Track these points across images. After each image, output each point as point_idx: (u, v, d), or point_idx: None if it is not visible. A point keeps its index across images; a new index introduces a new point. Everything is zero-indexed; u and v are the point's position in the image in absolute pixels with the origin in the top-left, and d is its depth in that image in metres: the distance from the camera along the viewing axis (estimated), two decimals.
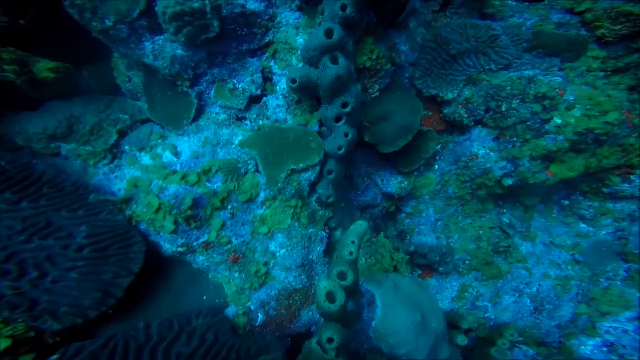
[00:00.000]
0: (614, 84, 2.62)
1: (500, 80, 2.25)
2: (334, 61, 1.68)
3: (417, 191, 2.61)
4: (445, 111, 2.38)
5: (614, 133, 2.09)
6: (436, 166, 2.54)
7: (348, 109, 1.79)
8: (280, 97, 1.98)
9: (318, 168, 1.95)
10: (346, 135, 1.84)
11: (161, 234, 1.86)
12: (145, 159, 2.07)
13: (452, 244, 2.66)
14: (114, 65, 2.24)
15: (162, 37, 1.86)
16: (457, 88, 2.29)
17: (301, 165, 1.89)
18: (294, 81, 1.69)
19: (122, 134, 2.15)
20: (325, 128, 2.01)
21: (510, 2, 2.78)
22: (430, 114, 2.42)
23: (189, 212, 1.84)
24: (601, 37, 2.55)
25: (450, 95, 2.29)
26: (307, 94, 1.91)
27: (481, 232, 2.63)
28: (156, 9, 1.67)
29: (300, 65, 1.90)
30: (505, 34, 2.33)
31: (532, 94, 2.17)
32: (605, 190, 2.54)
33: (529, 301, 2.52)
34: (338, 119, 1.84)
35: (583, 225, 2.73)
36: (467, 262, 2.55)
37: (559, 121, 2.16)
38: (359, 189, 2.47)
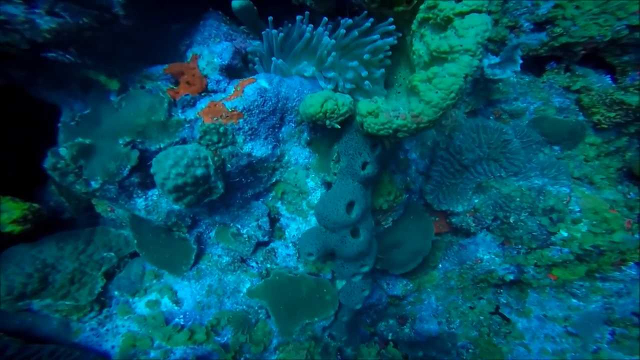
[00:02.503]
0: (605, 166, 2.69)
1: (509, 189, 2.19)
2: (355, 234, 1.53)
3: (421, 286, 2.60)
4: (453, 220, 2.30)
5: (619, 248, 2.15)
6: (440, 265, 2.51)
7: (366, 269, 1.68)
8: (290, 244, 1.80)
9: (333, 318, 1.85)
10: (362, 290, 1.74)
11: None
12: (141, 307, 1.86)
13: (453, 330, 2.72)
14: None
15: (157, 192, 1.61)
16: (467, 198, 2.21)
17: (316, 319, 1.78)
18: (310, 255, 1.54)
19: (109, 276, 1.91)
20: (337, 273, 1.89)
21: (512, 78, 2.68)
22: (436, 219, 2.35)
23: None
24: (597, 123, 2.56)
25: (460, 209, 2.21)
26: None
27: (481, 318, 2.70)
28: (154, 178, 1.41)
29: (313, 217, 1.72)
30: (515, 134, 2.24)
31: (540, 207, 2.15)
32: (597, 275, 2.66)
33: None
34: (354, 275, 1.73)
35: (574, 301, 2.87)
36: (470, 350, 2.64)
37: (565, 234, 2.16)
38: None
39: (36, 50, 1.26)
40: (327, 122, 1.42)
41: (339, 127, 1.44)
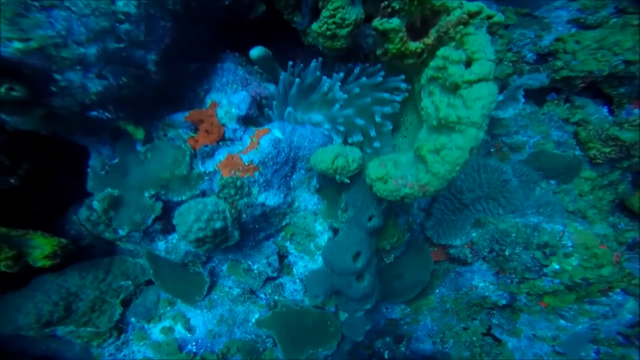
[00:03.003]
0: (598, 198, 2.79)
1: (506, 225, 2.31)
2: (360, 279, 1.65)
3: (418, 309, 2.73)
4: (452, 251, 2.42)
5: (607, 281, 2.28)
6: (437, 290, 2.64)
7: (368, 307, 1.80)
8: (297, 280, 1.91)
9: (335, 347, 1.98)
10: (364, 325, 1.87)
11: None
12: (156, 333, 1.98)
13: (447, 350, 2.86)
14: None
15: (176, 237, 1.72)
16: (465, 233, 2.33)
17: (320, 350, 1.91)
18: (317, 296, 1.65)
19: (126, 303, 2.02)
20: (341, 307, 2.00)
21: (510, 109, 2.77)
22: (435, 249, 2.47)
23: None
24: (593, 158, 2.66)
25: (458, 242, 2.33)
26: None
27: (474, 338, 2.84)
28: (177, 228, 1.51)
29: (319, 257, 1.83)
30: (514, 172, 2.35)
31: (535, 243, 2.26)
32: (585, 300, 2.79)
33: None
34: (357, 310, 1.85)
35: (562, 322, 3.02)
36: None
37: (557, 267, 2.29)
38: None
39: (83, 111, 1.36)
40: (337, 176, 1.52)
41: (348, 181, 1.54)
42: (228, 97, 1.68)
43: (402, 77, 1.63)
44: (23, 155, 1.73)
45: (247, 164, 1.54)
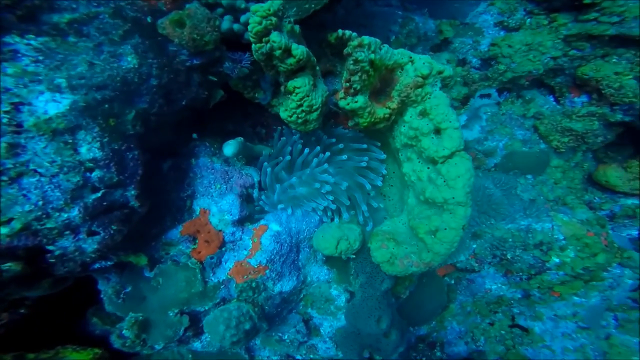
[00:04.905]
0: (570, 179, 2.97)
1: (501, 232, 2.44)
2: (387, 335, 1.73)
3: (442, 319, 2.85)
4: (458, 265, 2.55)
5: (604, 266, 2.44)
6: (455, 300, 2.77)
7: (400, 350, 1.89)
8: (327, 339, 1.98)
9: None
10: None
11: None
12: None
13: (480, 348, 2.99)
14: None
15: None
16: (466, 247, 2.45)
17: None
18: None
19: None
20: None
21: (476, 126, 2.91)
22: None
23: None
24: (556, 148, 2.84)
25: (462, 258, 2.45)
26: None
27: (502, 332, 2.99)
28: (210, 337, 1.58)
29: (341, 315, 1.90)
30: (495, 184, 2.49)
31: (531, 244, 2.41)
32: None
33: None
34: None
35: (576, 298, 3.18)
36: None
37: (557, 260, 2.42)
38: None
39: (85, 269, 1.39)
40: (343, 256, 1.60)
41: (354, 256, 1.62)
42: (216, 202, 1.72)
43: (384, 157, 1.72)
44: None
45: (256, 266, 1.60)
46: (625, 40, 2.32)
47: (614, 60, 2.41)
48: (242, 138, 1.83)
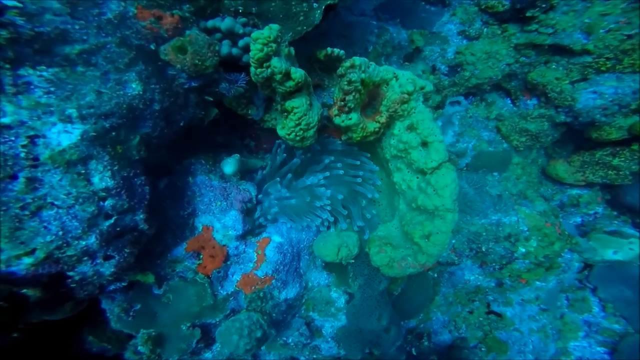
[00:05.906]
0: (528, 174, 3.32)
1: (476, 227, 2.69)
2: (387, 331, 1.88)
3: (428, 311, 3.07)
4: (440, 259, 2.78)
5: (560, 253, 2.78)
6: (440, 292, 3.00)
7: (398, 344, 2.05)
8: (329, 339, 2.10)
9: None
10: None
11: None
12: None
13: (462, 335, 3.26)
14: None
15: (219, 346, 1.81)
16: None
17: None
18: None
19: None
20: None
21: (449, 131, 3.17)
22: None
23: None
24: (516, 147, 3.16)
25: (444, 254, 2.67)
26: None
27: (481, 319, 3.27)
28: (223, 347, 1.63)
29: (342, 316, 2.03)
30: (468, 184, 2.74)
31: (502, 236, 2.68)
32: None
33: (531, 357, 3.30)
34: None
35: (538, 283, 3.54)
36: (482, 349, 3.21)
37: (523, 250, 2.72)
38: None
39: (102, 290, 1.41)
40: (343, 262, 1.72)
41: (353, 261, 1.75)
42: (219, 219, 1.77)
43: (377, 169, 1.86)
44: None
45: (262, 277, 1.68)
46: (560, 49, 2.62)
47: (553, 66, 2.73)
48: (238, 155, 1.90)
